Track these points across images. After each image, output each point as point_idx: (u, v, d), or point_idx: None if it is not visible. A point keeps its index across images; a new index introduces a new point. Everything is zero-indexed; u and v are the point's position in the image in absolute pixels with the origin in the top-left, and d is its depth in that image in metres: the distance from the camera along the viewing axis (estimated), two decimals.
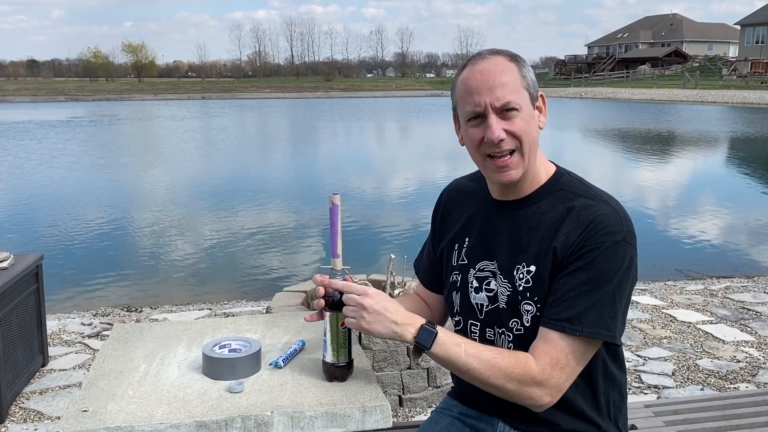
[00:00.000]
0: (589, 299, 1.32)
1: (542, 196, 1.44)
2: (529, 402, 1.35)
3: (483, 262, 1.48)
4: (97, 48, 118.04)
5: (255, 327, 1.80)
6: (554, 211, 1.41)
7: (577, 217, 1.36)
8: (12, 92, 59.30)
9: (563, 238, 1.36)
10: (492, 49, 1.42)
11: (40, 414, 3.22)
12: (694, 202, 10.64)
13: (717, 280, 5.87)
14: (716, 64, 62.93)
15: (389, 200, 10.61)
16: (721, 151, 18.33)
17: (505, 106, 1.35)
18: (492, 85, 1.34)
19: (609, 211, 1.36)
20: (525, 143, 1.37)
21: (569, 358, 1.33)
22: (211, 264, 6.99)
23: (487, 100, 1.35)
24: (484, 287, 1.47)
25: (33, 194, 11.19)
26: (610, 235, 1.33)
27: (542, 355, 1.33)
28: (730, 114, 32.11)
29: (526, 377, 1.32)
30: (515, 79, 1.36)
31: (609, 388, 1.46)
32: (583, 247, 1.33)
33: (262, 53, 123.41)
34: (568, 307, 1.32)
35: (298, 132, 25.53)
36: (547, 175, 1.46)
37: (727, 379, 3.63)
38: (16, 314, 3.29)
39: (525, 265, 1.40)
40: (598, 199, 1.39)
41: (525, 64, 1.40)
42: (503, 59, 1.38)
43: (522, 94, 1.36)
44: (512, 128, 1.36)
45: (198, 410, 1.34)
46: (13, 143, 19.57)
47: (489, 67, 1.36)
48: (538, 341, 1.35)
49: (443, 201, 1.66)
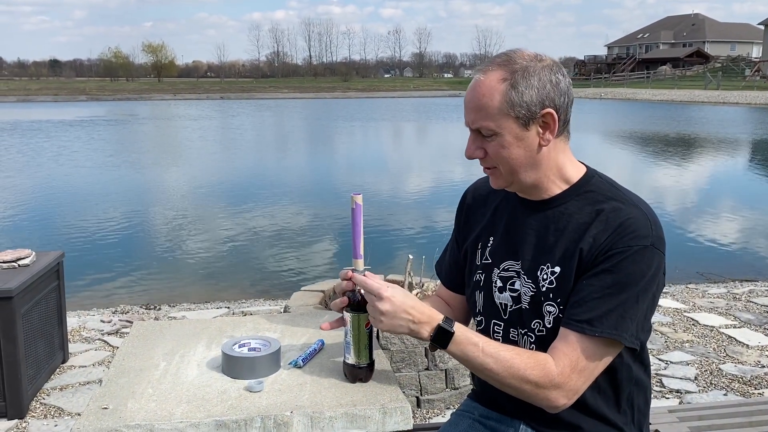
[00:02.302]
0: (612, 302, 1.29)
1: (570, 197, 1.41)
2: (545, 403, 1.33)
3: (508, 261, 1.46)
4: (118, 48, 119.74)
5: (274, 326, 1.79)
6: (582, 212, 1.38)
7: (606, 220, 1.34)
8: (34, 91, 60.21)
9: (590, 240, 1.34)
10: (502, 56, 1.38)
11: (60, 410, 3.25)
12: (716, 205, 10.49)
13: (740, 284, 5.78)
14: (739, 65, 62.13)
15: (406, 200, 10.58)
16: (744, 153, 18.06)
17: (480, 130, 1.37)
18: (472, 107, 1.37)
19: (639, 215, 1.34)
20: (502, 165, 1.38)
21: (588, 361, 1.31)
22: (228, 263, 7.02)
23: (466, 119, 1.39)
24: (509, 287, 1.45)
25: (54, 192, 11.33)
26: (638, 239, 1.30)
27: (562, 356, 1.31)
28: (753, 115, 31.64)
29: (545, 379, 1.30)
30: (497, 105, 1.33)
31: (634, 393, 1.43)
32: (610, 249, 1.31)
33: (281, 53, 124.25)
34: (590, 309, 1.30)
35: (316, 132, 25.60)
36: (577, 176, 1.43)
37: (751, 385, 3.56)
38: (38, 311, 3.32)
39: (549, 266, 1.38)
40: (628, 203, 1.36)
41: (526, 77, 1.33)
42: (496, 79, 1.34)
43: (501, 120, 1.34)
44: (488, 150, 1.38)
45: (217, 409, 1.33)
46: (34, 141, 19.83)
47: (477, 87, 1.36)
48: (558, 342, 1.33)
49: (467, 199, 1.64)
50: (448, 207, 9.67)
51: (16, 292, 2.99)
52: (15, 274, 3.13)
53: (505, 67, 1.34)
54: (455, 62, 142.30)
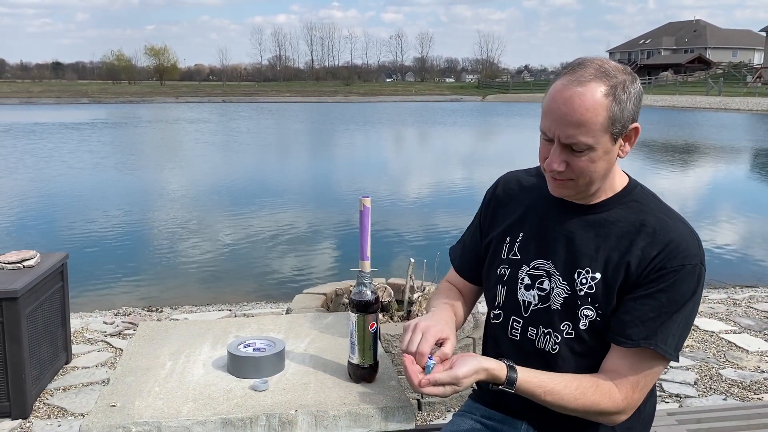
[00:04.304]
0: (667, 320, 1.32)
1: (614, 205, 1.41)
2: (608, 424, 1.39)
3: (539, 260, 1.46)
4: (120, 51, 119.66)
5: (278, 327, 1.82)
6: (626, 221, 1.39)
7: (653, 233, 1.35)
8: (37, 94, 60.33)
9: (638, 253, 1.34)
10: (600, 66, 1.30)
11: (64, 410, 3.27)
12: (716, 211, 10.51)
13: (741, 290, 5.79)
14: (740, 71, 62.16)
15: (408, 204, 10.60)
16: (745, 159, 18.08)
17: (573, 146, 1.31)
18: (568, 121, 1.28)
19: (685, 232, 1.36)
20: (582, 178, 1.34)
21: (648, 379, 1.35)
22: (230, 265, 7.04)
23: (557, 132, 1.31)
24: (537, 285, 1.45)
25: (57, 194, 11.37)
26: (690, 258, 1.32)
27: (623, 381, 1.34)
28: (754, 122, 31.65)
29: (612, 408, 1.34)
30: (598, 121, 1.28)
31: (647, 398, 1.45)
32: (663, 268, 1.32)
33: (283, 57, 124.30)
34: (650, 329, 1.32)
35: (317, 135, 25.65)
36: (621, 185, 1.43)
37: (751, 390, 3.58)
38: (42, 312, 3.35)
39: (590, 271, 1.39)
40: (674, 218, 1.38)
41: (625, 91, 1.29)
42: (599, 92, 1.27)
43: (599, 136, 1.29)
44: (573, 164, 1.33)
45: (223, 407, 1.36)
46: (36, 144, 19.89)
47: (576, 99, 1.27)
48: (617, 364, 1.35)
49: (498, 191, 1.60)
50: (449, 210, 9.73)
51: (21, 293, 3.01)
52: (20, 275, 3.16)
53: (604, 80, 1.28)
54: (457, 67, 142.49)
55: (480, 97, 62.92)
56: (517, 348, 1.47)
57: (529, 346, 1.46)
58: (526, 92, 63.28)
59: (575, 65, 1.32)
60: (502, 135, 25.80)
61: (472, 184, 12.76)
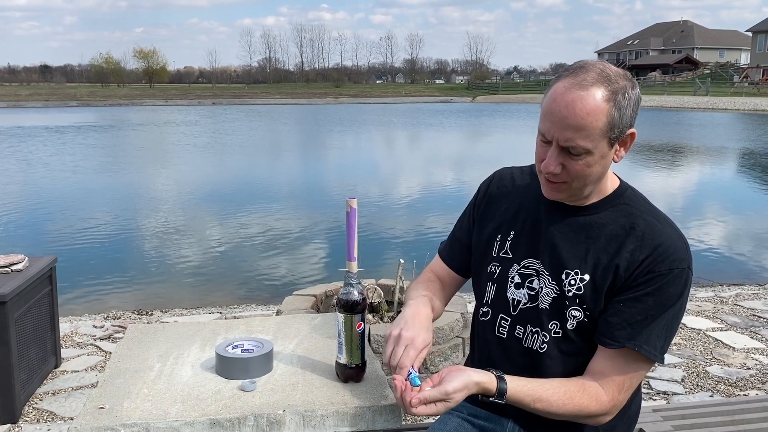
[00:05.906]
0: (654, 322, 1.34)
1: (604, 207, 1.43)
2: (591, 423, 1.41)
3: (529, 259, 1.47)
4: (109, 54, 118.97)
5: (267, 328, 1.83)
6: (616, 224, 1.40)
7: (642, 237, 1.37)
8: (25, 97, 59.86)
9: (627, 256, 1.36)
10: (602, 70, 1.30)
11: (53, 414, 3.26)
12: (703, 210, 10.59)
13: (727, 288, 5.85)
14: (728, 71, 62.68)
15: (397, 205, 10.62)
16: (732, 158, 18.23)
17: (570, 149, 1.31)
18: (568, 124, 1.29)
19: (675, 236, 1.37)
20: (576, 181, 1.36)
21: (633, 380, 1.37)
22: (220, 268, 7.03)
23: (556, 134, 1.31)
24: (527, 284, 1.46)
25: (45, 198, 11.30)
26: (678, 261, 1.34)
27: (609, 383, 1.36)
28: (740, 121, 31.93)
29: (599, 411, 1.36)
30: (598, 126, 1.28)
31: (632, 397, 1.47)
32: (651, 271, 1.34)
33: (272, 59, 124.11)
34: (636, 331, 1.34)
35: (307, 137, 25.62)
36: (612, 187, 1.45)
37: (737, 386, 3.62)
38: (31, 316, 3.34)
39: (579, 272, 1.40)
40: (663, 222, 1.40)
41: (626, 97, 1.30)
42: (600, 98, 1.28)
43: (597, 141, 1.30)
44: (569, 167, 1.34)
45: (211, 408, 1.37)
46: (25, 147, 19.75)
47: (577, 103, 1.27)
48: (603, 365, 1.37)
49: (491, 187, 1.61)
50: (439, 211, 9.74)
51: (9, 297, 3.00)
52: (8, 279, 3.15)
53: (606, 85, 1.29)
54: (447, 68, 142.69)
55: (470, 98, 63.05)
56: (504, 346, 1.49)
57: (515, 344, 1.47)
58: (516, 93, 63.51)
59: (576, 68, 1.33)
60: (491, 136, 25.88)
61: (461, 184, 12.79)
